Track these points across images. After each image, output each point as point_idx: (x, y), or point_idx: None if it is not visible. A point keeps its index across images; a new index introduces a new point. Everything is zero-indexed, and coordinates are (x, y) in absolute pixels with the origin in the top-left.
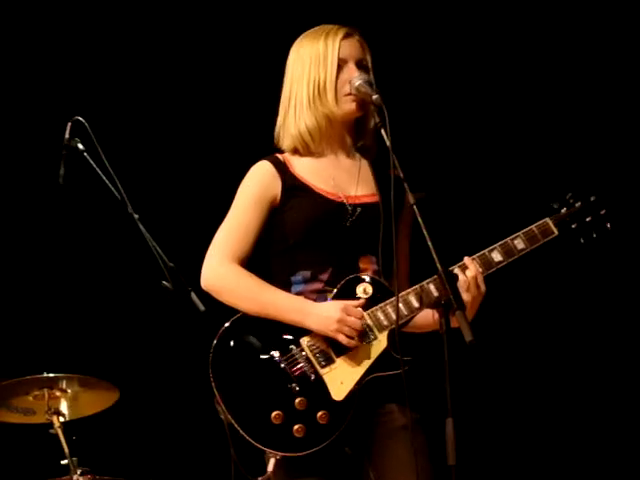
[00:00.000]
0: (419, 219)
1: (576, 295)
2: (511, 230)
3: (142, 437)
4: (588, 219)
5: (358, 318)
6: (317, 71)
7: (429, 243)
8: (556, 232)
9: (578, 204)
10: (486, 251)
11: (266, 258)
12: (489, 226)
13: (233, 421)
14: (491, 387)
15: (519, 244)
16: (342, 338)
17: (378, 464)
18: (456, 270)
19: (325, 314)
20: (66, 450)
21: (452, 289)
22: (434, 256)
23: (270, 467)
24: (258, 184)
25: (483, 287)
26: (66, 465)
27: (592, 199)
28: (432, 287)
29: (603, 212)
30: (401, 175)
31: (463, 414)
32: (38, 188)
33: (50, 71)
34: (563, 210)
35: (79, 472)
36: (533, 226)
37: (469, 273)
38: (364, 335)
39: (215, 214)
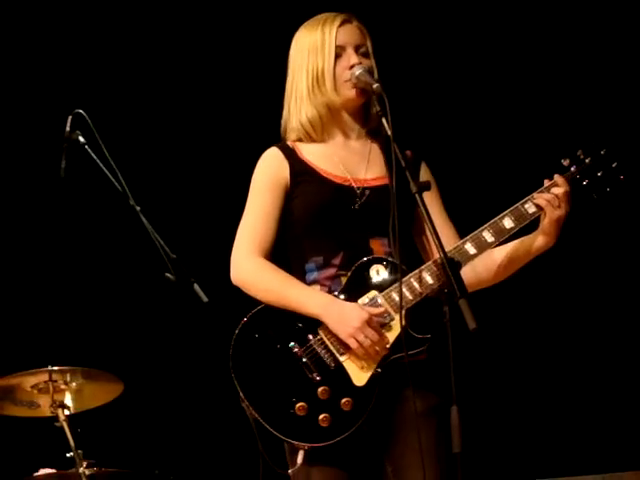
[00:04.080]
0: (422, 208)
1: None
2: (521, 194)
3: (147, 429)
4: (599, 174)
5: (377, 332)
6: (315, 60)
7: (432, 232)
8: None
9: (588, 160)
10: (497, 218)
11: (283, 245)
12: (498, 191)
13: (258, 416)
14: (498, 374)
15: (530, 208)
16: (352, 343)
17: (392, 454)
18: (536, 194)
19: (346, 316)
20: (71, 443)
21: (455, 277)
22: (438, 245)
23: (300, 459)
24: (267, 171)
25: (570, 202)
26: (72, 458)
27: (602, 153)
28: (434, 269)
29: (615, 165)
30: (402, 164)
31: (473, 401)
32: (39, 181)
33: (51, 64)
34: (573, 168)
35: (85, 464)
36: (544, 187)
37: (560, 190)
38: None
39: (217, 205)
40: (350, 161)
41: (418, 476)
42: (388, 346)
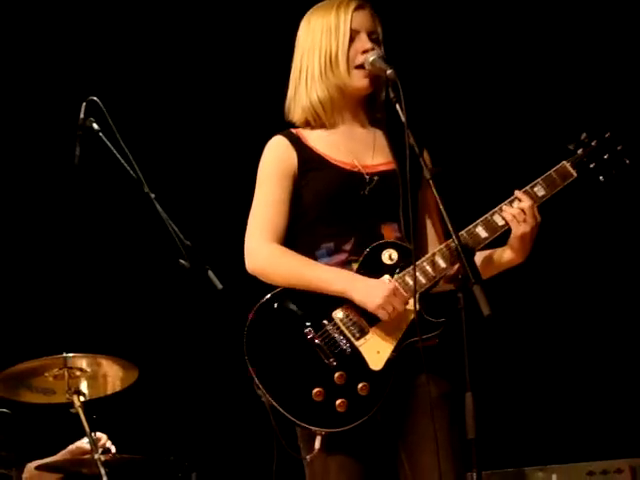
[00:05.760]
0: (435, 194)
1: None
2: (527, 179)
3: (162, 415)
4: (606, 156)
5: (403, 301)
6: (329, 42)
7: (446, 217)
8: (575, 174)
9: (594, 142)
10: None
11: (291, 233)
12: (505, 176)
13: (274, 402)
14: (513, 358)
15: (539, 191)
16: (383, 314)
17: (406, 440)
18: (504, 206)
19: (373, 287)
20: (87, 429)
21: (469, 263)
22: (451, 231)
23: (317, 445)
24: (275, 159)
25: (539, 217)
26: (87, 444)
27: (607, 136)
28: (446, 253)
29: (620, 148)
30: (416, 150)
31: (485, 387)
32: (54, 169)
33: (65, 52)
34: (579, 151)
35: (100, 451)
36: (551, 171)
37: (524, 204)
38: None
39: (232, 192)
40: (356, 148)
41: (431, 462)
42: (413, 310)
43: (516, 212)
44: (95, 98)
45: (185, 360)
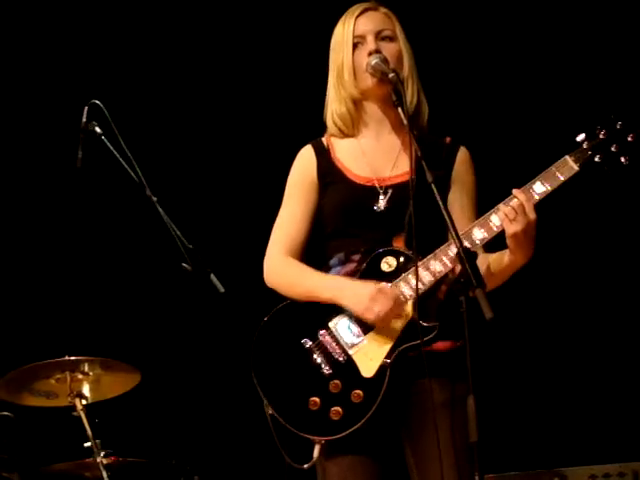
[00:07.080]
0: (437, 198)
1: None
2: (536, 171)
3: (164, 419)
4: (614, 148)
5: (391, 299)
6: (337, 56)
7: (447, 221)
8: (577, 168)
9: (602, 134)
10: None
11: (315, 243)
12: (518, 166)
13: (275, 412)
14: (515, 362)
15: (538, 188)
16: (370, 315)
17: (415, 442)
18: (501, 205)
19: (359, 290)
20: (89, 432)
21: (471, 267)
22: (453, 234)
23: (316, 453)
24: (298, 170)
25: (532, 215)
26: (89, 447)
27: (618, 126)
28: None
29: (631, 138)
30: (419, 153)
31: (489, 390)
32: (56, 172)
33: (67, 55)
34: (585, 144)
35: (102, 454)
36: (552, 166)
37: (517, 202)
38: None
39: (234, 195)
40: (378, 158)
41: (438, 470)
42: (407, 315)
43: (508, 210)
44: (97, 102)
45: (187, 363)
